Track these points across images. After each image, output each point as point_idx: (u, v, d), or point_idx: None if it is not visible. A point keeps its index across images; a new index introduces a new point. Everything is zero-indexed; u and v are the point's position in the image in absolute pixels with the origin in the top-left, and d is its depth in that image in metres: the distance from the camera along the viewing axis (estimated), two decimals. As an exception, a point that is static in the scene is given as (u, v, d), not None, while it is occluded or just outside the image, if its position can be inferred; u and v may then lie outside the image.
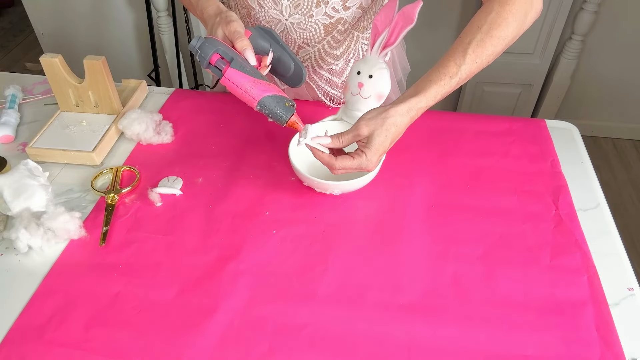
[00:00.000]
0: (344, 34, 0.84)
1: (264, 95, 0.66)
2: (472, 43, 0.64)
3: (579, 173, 0.82)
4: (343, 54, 0.87)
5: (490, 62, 0.66)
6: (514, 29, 0.64)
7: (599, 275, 0.66)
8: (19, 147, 0.90)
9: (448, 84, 0.65)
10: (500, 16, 0.64)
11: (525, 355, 0.58)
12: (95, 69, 0.85)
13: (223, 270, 0.68)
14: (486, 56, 0.64)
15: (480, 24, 0.65)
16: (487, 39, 0.64)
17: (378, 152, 0.66)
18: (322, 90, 0.92)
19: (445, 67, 0.65)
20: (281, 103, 0.67)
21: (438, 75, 0.65)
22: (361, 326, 0.61)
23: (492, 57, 0.65)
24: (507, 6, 0.64)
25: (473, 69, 0.65)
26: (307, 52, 0.87)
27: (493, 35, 0.64)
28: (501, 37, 0.64)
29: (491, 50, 0.64)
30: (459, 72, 0.64)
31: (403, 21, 0.69)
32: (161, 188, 0.79)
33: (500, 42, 0.64)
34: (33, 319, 0.63)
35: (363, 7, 0.82)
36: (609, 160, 2.09)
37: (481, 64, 0.65)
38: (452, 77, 0.64)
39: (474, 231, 0.72)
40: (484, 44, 0.64)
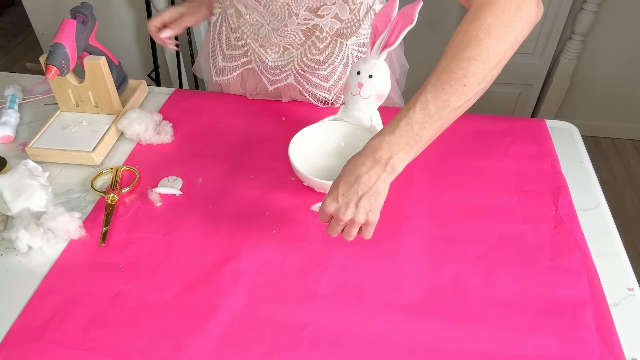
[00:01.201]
0: (324, 42, 0.85)
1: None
2: (438, 69, 0.58)
3: (579, 173, 0.82)
4: (327, 60, 0.87)
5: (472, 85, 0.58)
6: (493, 43, 0.57)
7: (598, 276, 0.66)
8: (19, 147, 0.90)
9: (405, 115, 0.59)
10: (468, 35, 0.58)
11: (525, 355, 0.58)
12: (95, 69, 0.85)
13: (223, 270, 0.68)
14: (456, 80, 0.57)
15: (447, 50, 0.59)
16: (453, 62, 0.58)
17: (330, 194, 0.62)
18: (309, 93, 0.92)
19: (407, 103, 0.60)
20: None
21: (399, 112, 0.60)
22: (361, 326, 0.61)
23: (469, 79, 0.57)
24: (476, 22, 0.58)
25: (442, 95, 0.58)
26: (291, 55, 0.88)
27: (460, 58, 0.57)
28: (472, 57, 0.57)
29: (461, 73, 0.57)
30: (419, 102, 0.58)
31: (403, 21, 0.69)
32: (161, 188, 0.79)
33: (472, 63, 0.57)
34: (33, 319, 0.63)
35: (340, 18, 0.82)
36: (609, 160, 2.09)
37: (456, 91, 0.58)
38: (410, 108, 0.58)
39: (473, 231, 0.72)
40: (450, 69, 0.58)
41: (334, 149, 0.81)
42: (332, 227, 0.64)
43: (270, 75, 0.91)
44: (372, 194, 0.60)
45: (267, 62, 0.89)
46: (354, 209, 0.61)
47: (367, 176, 0.60)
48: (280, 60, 0.88)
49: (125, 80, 0.97)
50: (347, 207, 0.61)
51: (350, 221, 0.62)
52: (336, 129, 0.81)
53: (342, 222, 0.62)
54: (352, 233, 0.64)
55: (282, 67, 0.89)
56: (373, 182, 0.60)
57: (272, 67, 0.90)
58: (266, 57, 0.88)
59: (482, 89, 0.59)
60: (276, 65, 0.89)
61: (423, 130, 0.58)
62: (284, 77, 0.91)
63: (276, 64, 0.88)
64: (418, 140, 0.59)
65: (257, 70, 0.92)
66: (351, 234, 0.64)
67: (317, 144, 0.81)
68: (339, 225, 0.63)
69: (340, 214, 0.61)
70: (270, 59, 0.88)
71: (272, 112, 0.94)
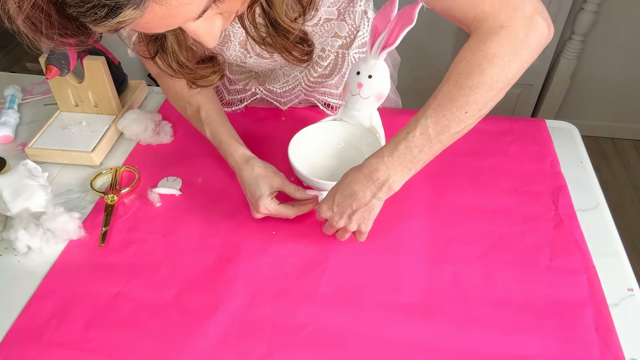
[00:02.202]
0: (327, 59, 0.84)
1: None
2: (439, 95, 0.59)
3: (579, 173, 0.82)
4: (333, 72, 0.86)
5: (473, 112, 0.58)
6: (497, 72, 0.57)
7: (598, 276, 0.66)
8: (19, 148, 0.90)
9: (405, 138, 0.59)
10: (472, 64, 0.57)
11: (525, 355, 0.58)
12: (95, 69, 0.85)
13: (223, 271, 0.68)
14: (458, 107, 0.58)
15: (449, 76, 0.59)
16: (455, 90, 0.58)
17: (326, 202, 0.66)
18: (322, 102, 0.92)
19: (406, 125, 0.61)
20: None
21: (398, 133, 0.61)
22: (360, 326, 0.61)
23: (471, 106, 0.58)
24: (480, 52, 0.57)
25: (443, 121, 0.58)
26: (296, 78, 0.87)
27: (463, 86, 0.57)
28: (475, 86, 0.57)
29: (463, 100, 0.57)
30: (419, 126, 0.59)
31: (402, 21, 0.69)
32: (161, 188, 0.79)
33: (474, 91, 0.57)
34: (32, 320, 0.63)
35: (339, 35, 0.82)
36: (609, 160, 2.09)
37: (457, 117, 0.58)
38: (410, 132, 0.59)
39: (473, 231, 0.72)
40: (452, 95, 0.58)
41: (334, 149, 0.81)
42: (326, 229, 0.70)
43: (280, 99, 0.91)
44: (366, 210, 0.64)
45: (275, 90, 0.88)
46: (346, 219, 0.65)
47: (362, 194, 0.62)
48: (287, 86, 0.88)
49: (125, 80, 0.97)
50: (340, 217, 0.65)
51: (342, 228, 0.67)
52: (336, 129, 0.81)
53: (335, 229, 0.68)
54: (345, 237, 0.69)
55: (291, 90, 0.89)
56: (368, 199, 0.63)
57: (280, 94, 0.90)
58: (272, 87, 0.88)
59: (483, 114, 0.60)
60: (284, 92, 0.89)
61: (422, 153, 0.60)
62: (294, 97, 0.90)
63: (284, 89, 0.88)
64: (416, 162, 0.61)
65: (267, 98, 0.91)
66: (344, 237, 0.69)
67: (316, 144, 0.81)
68: (332, 228, 0.68)
69: (334, 222, 0.66)
70: (277, 87, 0.88)
71: (272, 113, 0.94)
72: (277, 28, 0.62)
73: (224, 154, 0.77)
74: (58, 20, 0.40)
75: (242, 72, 0.88)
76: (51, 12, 0.39)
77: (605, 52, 1.93)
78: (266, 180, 0.71)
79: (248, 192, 0.73)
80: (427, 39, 1.94)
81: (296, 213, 0.73)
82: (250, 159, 0.73)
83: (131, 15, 0.38)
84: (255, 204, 0.71)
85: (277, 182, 0.71)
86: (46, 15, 0.39)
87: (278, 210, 0.71)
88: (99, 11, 0.37)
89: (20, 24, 0.39)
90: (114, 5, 0.37)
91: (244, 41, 0.72)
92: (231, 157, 0.75)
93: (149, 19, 0.40)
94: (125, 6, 0.37)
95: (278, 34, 0.63)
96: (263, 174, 0.71)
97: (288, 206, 0.72)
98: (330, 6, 0.70)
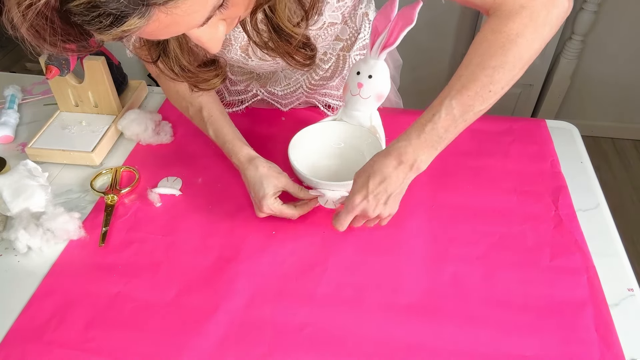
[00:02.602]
0: (329, 62, 0.84)
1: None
2: (463, 77, 0.60)
3: (579, 173, 0.82)
4: (334, 74, 0.86)
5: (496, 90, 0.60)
6: (519, 51, 0.58)
7: (598, 276, 0.66)
8: (19, 148, 0.90)
9: (431, 120, 0.61)
10: (494, 45, 0.58)
11: (525, 355, 0.58)
12: (95, 69, 0.85)
13: (223, 271, 0.68)
14: (482, 87, 0.59)
15: (470, 57, 0.60)
16: (478, 70, 0.59)
17: (360, 193, 0.64)
18: (322, 103, 0.92)
19: (430, 106, 0.62)
20: None
21: (422, 114, 0.62)
22: (360, 327, 0.61)
23: (494, 85, 0.59)
24: (502, 33, 0.58)
25: (467, 101, 0.59)
26: (298, 81, 0.87)
27: (486, 67, 0.58)
28: (498, 66, 0.58)
29: (487, 80, 0.58)
30: (444, 107, 0.60)
31: (402, 21, 0.69)
32: (161, 188, 0.79)
33: (498, 71, 0.58)
34: (32, 320, 0.63)
35: (341, 39, 0.81)
36: (609, 160, 2.09)
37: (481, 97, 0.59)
38: (435, 114, 0.60)
39: (473, 231, 0.72)
40: (475, 76, 0.59)
41: (334, 149, 0.81)
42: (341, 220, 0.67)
43: (281, 100, 0.91)
44: (398, 193, 0.65)
45: (276, 92, 0.88)
46: (382, 207, 0.65)
47: (395, 177, 0.63)
48: (288, 88, 0.88)
49: (125, 80, 0.97)
50: (376, 205, 0.65)
51: (375, 217, 0.67)
52: (336, 130, 0.81)
53: (367, 218, 0.67)
54: (372, 223, 0.69)
55: (292, 93, 0.89)
56: (400, 182, 0.64)
57: (282, 96, 0.90)
58: (274, 89, 0.88)
59: (505, 91, 0.61)
60: (285, 94, 0.89)
61: (447, 133, 0.61)
62: (295, 99, 0.90)
63: (285, 92, 0.88)
64: (442, 141, 0.62)
65: (268, 99, 0.91)
66: (371, 224, 0.69)
67: (316, 144, 0.81)
68: (361, 220, 0.68)
69: (370, 211, 0.65)
70: (279, 89, 0.88)
71: (272, 113, 0.94)
72: (280, 33, 0.62)
73: (228, 153, 0.77)
74: (61, 27, 0.39)
75: (243, 73, 0.88)
76: (54, 19, 0.38)
77: (605, 52, 1.93)
78: (270, 180, 0.71)
79: (252, 192, 0.73)
80: (427, 39, 1.94)
81: (299, 213, 0.73)
82: (255, 159, 0.73)
83: (136, 24, 0.38)
84: (259, 204, 0.71)
85: (281, 182, 0.71)
86: (50, 22, 0.38)
87: (281, 211, 0.71)
88: (104, 20, 0.37)
89: (24, 32, 0.39)
90: (119, 14, 0.37)
91: (245, 45, 0.72)
92: (235, 156, 0.75)
93: (154, 28, 0.40)
94: (131, 15, 0.37)
95: (281, 38, 0.63)
96: (267, 174, 0.71)
97: (291, 207, 0.72)
98: (335, 10, 0.70)
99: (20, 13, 0.38)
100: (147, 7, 0.38)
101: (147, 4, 0.37)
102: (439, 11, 1.86)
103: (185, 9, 0.40)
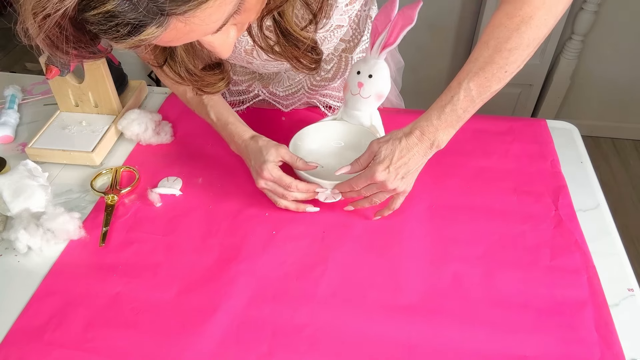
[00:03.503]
0: (331, 63, 0.84)
1: None
2: (479, 60, 0.62)
3: (579, 173, 0.82)
4: (336, 76, 0.86)
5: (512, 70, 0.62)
6: (534, 32, 0.60)
7: (598, 276, 0.66)
8: (19, 148, 0.90)
9: (450, 102, 0.63)
10: (509, 28, 0.60)
11: (525, 355, 0.58)
12: (95, 69, 0.85)
13: (223, 271, 0.68)
14: (498, 68, 0.61)
15: (487, 40, 0.62)
16: (495, 54, 0.61)
17: (382, 163, 0.66)
18: (323, 104, 0.92)
19: (448, 88, 0.64)
20: None
21: (441, 96, 0.65)
22: (361, 326, 0.61)
23: (510, 66, 0.61)
24: (517, 17, 0.60)
25: (485, 82, 0.62)
26: (300, 82, 0.87)
27: (502, 49, 0.60)
28: (514, 48, 0.60)
29: (503, 62, 0.61)
30: (462, 88, 0.62)
31: (403, 21, 0.69)
32: (161, 188, 0.79)
33: (513, 52, 0.61)
34: (32, 320, 0.63)
35: (344, 39, 0.81)
36: (609, 160, 2.09)
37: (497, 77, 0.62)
38: (454, 95, 0.63)
39: (473, 231, 0.72)
40: (492, 59, 0.61)
41: (334, 149, 0.81)
42: (357, 180, 0.68)
43: (283, 101, 0.91)
44: (416, 170, 0.68)
45: (278, 92, 0.88)
46: (399, 181, 0.67)
47: (417, 155, 0.66)
48: (290, 89, 0.88)
49: (125, 80, 0.97)
50: (395, 177, 0.66)
51: (391, 190, 0.68)
52: (336, 129, 0.81)
53: (383, 189, 0.68)
54: (382, 198, 0.71)
55: (294, 94, 0.89)
56: (420, 158, 0.67)
57: (283, 97, 0.90)
58: (275, 90, 0.88)
59: (519, 69, 0.63)
60: (287, 95, 0.89)
61: (466, 113, 0.64)
62: (297, 100, 0.90)
63: (286, 93, 0.88)
64: (460, 121, 0.65)
65: (269, 100, 0.91)
66: (381, 199, 0.71)
67: (317, 144, 0.81)
68: (374, 190, 0.69)
69: (389, 183, 0.67)
70: (281, 90, 0.88)
71: (273, 113, 0.94)
72: (288, 37, 0.63)
73: (230, 134, 0.77)
74: (73, 34, 0.40)
75: (246, 73, 0.88)
76: (68, 27, 0.39)
77: (605, 52, 1.93)
78: (271, 149, 0.72)
79: (252, 160, 0.74)
80: (428, 40, 1.94)
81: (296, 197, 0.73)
82: (257, 135, 0.75)
83: (153, 33, 0.38)
84: (259, 170, 0.72)
85: (281, 152, 0.73)
86: (63, 30, 0.39)
87: (280, 177, 0.71)
88: (122, 29, 0.37)
89: (40, 42, 0.39)
90: (137, 24, 0.37)
91: (250, 49, 0.72)
92: (238, 136, 0.76)
93: (171, 36, 0.40)
94: (149, 25, 0.37)
95: (289, 42, 0.64)
96: (268, 145, 0.73)
97: (289, 177, 0.72)
98: (343, 14, 0.71)
99: (36, 24, 0.38)
100: (166, 16, 0.37)
101: (166, 14, 0.37)
102: (439, 11, 1.86)
103: (203, 17, 0.40)
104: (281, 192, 0.73)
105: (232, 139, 0.77)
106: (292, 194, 0.72)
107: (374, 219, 0.73)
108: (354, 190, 0.70)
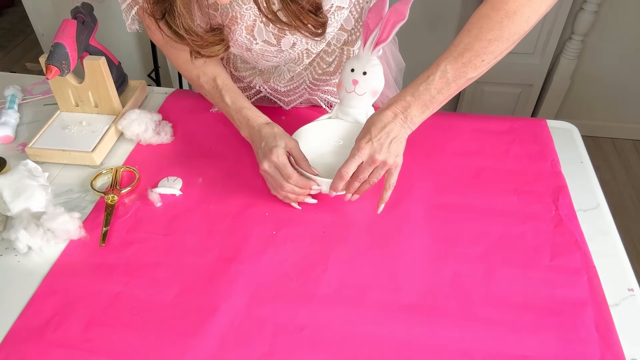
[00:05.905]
0: (332, 55, 0.85)
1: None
2: (459, 46, 0.64)
3: (579, 173, 0.82)
4: (337, 70, 0.87)
5: (489, 60, 0.65)
6: (515, 27, 0.62)
7: (598, 276, 0.66)
8: (19, 148, 0.90)
9: (425, 81, 0.66)
10: (492, 20, 0.63)
11: (525, 355, 0.58)
12: (95, 69, 0.85)
13: (223, 271, 0.68)
14: (475, 56, 0.64)
15: (470, 28, 0.65)
16: (475, 42, 0.63)
17: (364, 138, 0.68)
18: (324, 101, 0.92)
19: (427, 70, 0.67)
20: None
21: (419, 76, 0.67)
22: (361, 326, 0.61)
23: (488, 55, 0.64)
24: (501, 11, 0.62)
25: (461, 68, 0.64)
26: (301, 76, 0.87)
27: (482, 39, 0.63)
28: (494, 39, 0.63)
29: (481, 50, 0.64)
30: (439, 71, 0.65)
31: (394, 17, 0.70)
32: (161, 188, 0.79)
33: (493, 43, 0.63)
34: (33, 320, 0.63)
35: (345, 29, 0.82)
36: (609, 160, 2.09)
37: (474, 65, 0.64)
38: (430, 75, 0.66)
39: (473, 231, 0.72)
40: (471, 46, 0.64)
41: (331, 147, 0.82)
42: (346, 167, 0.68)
43: (284, 97, 0.91)
44: (398, 139, 0.68)
45: (279, 88, 0.89)
46: (386, 150, 0.68)
47: (393, 124, 0.68)
48: (291, 84, 0.88)
49: (125, 80, 0.97)
50: (380, 148, 0.67)
51: (381, 163, 0.68)
52: (332, 127, 0.81)
53: (374, 164, 0.68)
54: (379, 175, 0.70)
55: (295, 89, 0.89)
56: (398, 129, 0.68)
57: (284, 93, 0.90)
58: (277, 85, 0.88)
59: (497, 61, 0.66)
60: (288, 90, 0.89)
61: (440, 94, 0.66)
62: (298, 96, 0.90)
63: (288, 88, 0.88)
64: (434, 102, 0.67)
65: (271, 97, 0.91)
66: (378, 177, 0.70)
67: (314, 143, 0.81)
68: (368, 169, 0.68)
69: (376, 154, 0.67)
70: (282, 85, 0.88)
71: (272, 111, 0.94)
72: None
73: (245, 117, 0.78)
74: None
75: (246, 68, 0.88)
76: None
77: (605, 52, 1.93)
78: (285, 137, 0.74)
79: (263, 143, 0.74)
80: (427, 40, 1.94)
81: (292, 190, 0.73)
82: (272, 122, 0.77)
83: None
84: (268, 152, 0.73)
85: (292, 143, 0.74)
86: None
87: (284, 165, 0.72)
88: None
89: None
90: None
91: (251, 25, 0.73)
92: (253, 120, 0.78)
93: None
94: None
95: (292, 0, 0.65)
96: (282, 133, 0.75)
97: (292, 169, 0.73)
98: None
99: None
100: None
101: None
102: (439, 11, 1.86)
103: None
104: (279, 181, 0.73)
105: (247, 122, 0.78)
106: (289, 186, 0.73)
107: (378, 212, 0.72)
108: (347, 180, 0.70)
